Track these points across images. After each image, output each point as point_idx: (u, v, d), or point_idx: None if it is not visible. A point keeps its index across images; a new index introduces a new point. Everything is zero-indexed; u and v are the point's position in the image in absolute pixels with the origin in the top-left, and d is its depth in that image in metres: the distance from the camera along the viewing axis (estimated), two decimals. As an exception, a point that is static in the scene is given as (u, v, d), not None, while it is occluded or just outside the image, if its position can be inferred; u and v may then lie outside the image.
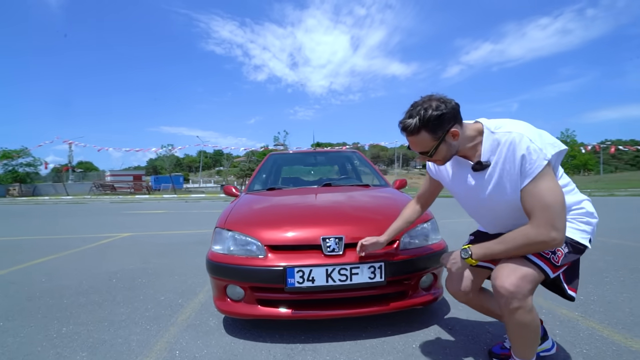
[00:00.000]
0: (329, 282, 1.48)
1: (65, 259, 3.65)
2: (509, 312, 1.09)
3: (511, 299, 1.06)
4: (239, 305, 1.62)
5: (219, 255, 1.67)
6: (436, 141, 1.12)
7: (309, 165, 3.10)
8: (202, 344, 1.65)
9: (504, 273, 1.09)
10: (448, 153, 1.17)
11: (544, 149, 1.03)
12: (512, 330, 1.14)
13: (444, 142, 1.13)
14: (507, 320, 1.13)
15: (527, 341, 1.14)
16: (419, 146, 1.16)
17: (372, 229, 1.66)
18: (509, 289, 1.06)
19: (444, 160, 1.20)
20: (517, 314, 1.08)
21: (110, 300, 2.31)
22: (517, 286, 1.06)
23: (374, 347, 1.57)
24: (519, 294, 1.05)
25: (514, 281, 1.06)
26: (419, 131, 1.11)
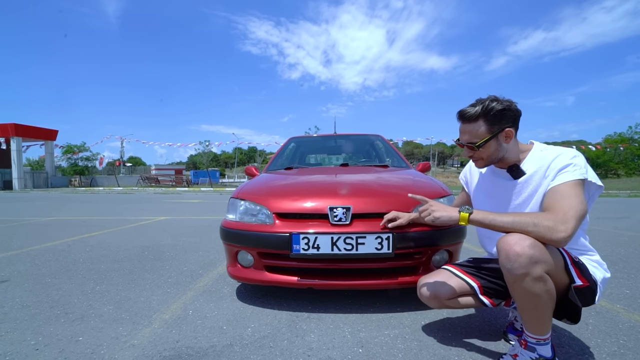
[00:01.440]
0: (334, 250, 1.46)
1: (108, 235, 4.02)
2: (515, 279, 0.99)
3: (517, 264, 0.96)
4: (248, 271, 1.67)
5: (231, 222, 1.73)
6: (489, 134, 1.12)
7: (329, 147, 3.09)
8: (214, 306, 1.72)
9: (513, 238, 0.99)
10: (495, 153, 1.15)
11: (588, 170, 1.07)
12: (520, 302, 1.03)
13: (496, 138, 1.13)
14: (513, 291, 1.03)
15: (537, 314, 1.03)
16: (471, 135, 1.15)
17: (381, 202, 1.61)
18: (516, 250, 0.96)
19: (487, 160, 1.18)
20: (525, 282, 0.97)
21: (140, 268, 2.50)
22: (525, 251, 0.96)
23: (380, 320, 1.53)
24: (526, 259, 0.95)
25: (524, 246, 0.96)
26: (477, 119, 1.13)
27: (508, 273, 1.01)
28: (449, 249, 1.64)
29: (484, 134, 1.13)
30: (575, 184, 1.04)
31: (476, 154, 1.17)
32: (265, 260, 1.61)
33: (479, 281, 1.23)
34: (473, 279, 1.24)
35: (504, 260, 1.00)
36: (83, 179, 27.37)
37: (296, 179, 2.07)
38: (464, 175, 1.47)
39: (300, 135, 3.21)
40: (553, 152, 1.12)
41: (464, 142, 1.18)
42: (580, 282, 1.04)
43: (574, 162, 1.07)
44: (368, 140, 3.13)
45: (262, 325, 1.49)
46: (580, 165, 1.06)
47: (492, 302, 1.22)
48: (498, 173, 1.24)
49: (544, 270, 0.98)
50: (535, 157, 1.15)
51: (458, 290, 1.24)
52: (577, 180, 1.04)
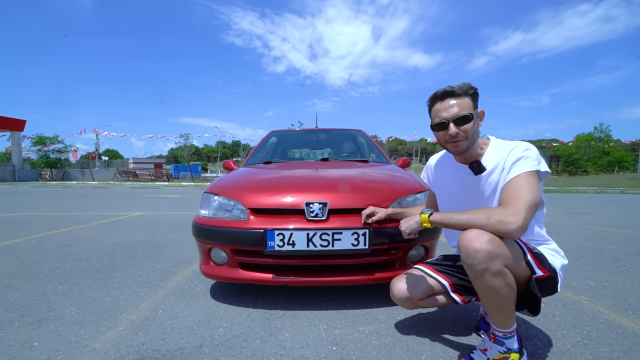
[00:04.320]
0: (309, 246, 1.43)
1: (77, 231, 3.81)
2: (475, 275, 1.00)
3: (476, 260, 0.97)
4: (222, 268, 1.61)
5: (204, 218, 1.66)
6: (474, 110, 1.13)
7: (310, 142, 3.04)
8: (185, 305, 1.65)
9: (471, 234, 1.00)
10: (475, 134, 1.15)
11: (540, 161, 1.08)
12: (483, 296, 1.05)
13: (476, 117, 1.14)
14: (476, 286, 1.04)
15: (500, 308, 1.04)
16: (461, 107, 1.12)
17: (358, 198, 1.59)
18: (475, 246, 0.96)
19: (470, 140, 1.14)
20: (485, 278, 0.98)
21: (109, 266, 2.37)
22: (483, 247, 0.96)
23: (356, 317, 1.51)
24: (484, 254, 0.96)
25: (482, 241, 0.97)
26: (465, 96, 1.13)
27: (469, 269, 1.01)
28: (425, 244, 1.65)
29: (470, 107, 1.12)
30: (527, 175, 1.04)
31: (463, 131, 1.12)
32: (240, 258, 1.56)
33: (450, 279, 1.23)
34: (444, 277, 1.24)
35: (464, 257, 1.01)
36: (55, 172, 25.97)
37: (273, 173, 2.02)
38: (426, 173, 1.44)
39: (282, 129, 3.13)
40: (508, 146, 1.13)
41: (450, 118, 1.11)
42: (541, 272, 1.06)
43: (526, 154, 1.08)
44: (350, 135, 3.11)
45: (235, 325, 1.44)
46: (532, 157, 1.07)
47: (463, 299, 1.23)
48: (459, 169, 1.23)
49: (503, 264, 0.99)
50: (493, 152, 1.16)
51: (430, 290, 1.23)
52: (529, 172, 1.05)
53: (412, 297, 1.23)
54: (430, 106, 1.20)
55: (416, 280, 1.26)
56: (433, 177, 1.39)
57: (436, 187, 1.37)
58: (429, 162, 1.41)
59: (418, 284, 1.24)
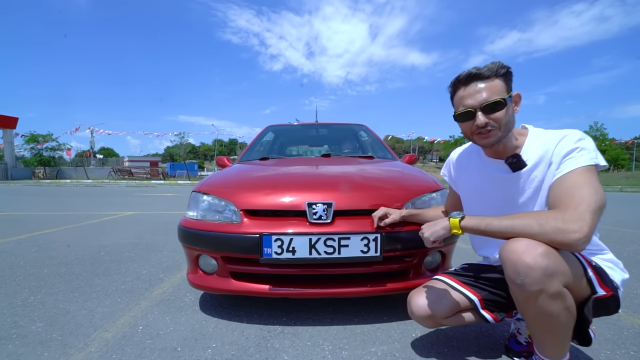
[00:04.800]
0: (312, 254, 1.23)
1: (63, 232, 3.59)
2: (527, 297, 0.81)
3: (529, 279, 0.77)
4: (212, 278, 1.41)
5: (192, 221, 1.45)
6: (507, 93, 0.92)
7: (309, 137, 2.84)
8: (170, 320, 1.45)
9: (521, 245, 0.80)
10: (510, 122, 0.94)
11: (597, 153, 0.89)
12: (533, 323, 0.86)
13: (510, 101, 0.93)
14: (525, 310, 0.85)
15: (554, 337, 0.85)
16: (491, 91, 0.91)
17: (368, 197, 1.40)
18: (527, 262, 0.77)
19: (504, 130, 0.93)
20: (540, 301, 0.79)
21: (91, 271, 2.17)
22: (538, 262, 0.77)
23: (365, 334, 1.32)
24: (540, 272, 0.76)
25: (535, 255, 0.77)
26: (494, 78, 0.92)
27: (518, 290, 0.82)
28: (442, 250, 1.45)
29: (503, 90, 0.91)
30: (585, 171, 0.85)
31: (494, 120, 0.91)
32: (232, 266, 1.36)
33: (479, 293, 1.05)
34: (472, 291, 1.05)
35: (512, 274, 0.81)
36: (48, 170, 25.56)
37: (270, 170, 1.81)
38: (447, 171, 1.24)
39: (279, 123, 2.93)
40: (555, 136, 0.93)
41: (477, 105, 0.92)
42: (603, 291, 0.87)
43: (580, 145, 0.88)
44: (352, 130, 2.91)
45: (226, 345, 1.24)
46: (589, 148, 0.88)
47: (495, 317, 1.04)
48: (491, 165, 1.02)
49: (562, 283, 0.80)
50: (535, 144, 0.95)
51: (456, 306, 1.04)
52: (587, 166, 0.85)
53: (435, 314, 1.04)
54: (453, 93, 1.00)
55: (439, 295, 1.06)
56: (456, 175, 1.19)
57: (460, 187, 1.17)
58: (451, 156, 1.21)
59: (442, 300, 1.05)
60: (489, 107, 0.91)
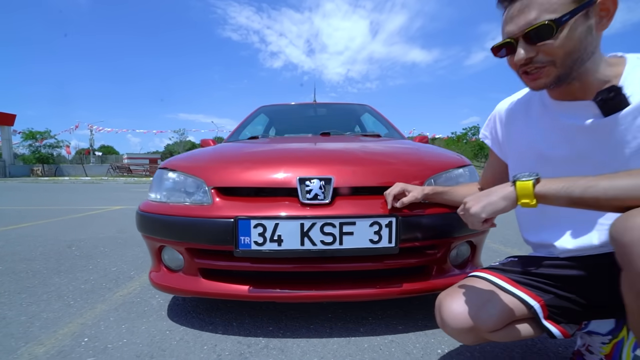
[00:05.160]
0: (305, 244, 0.92)
1: (40, 226, 3.30)
2: None
3: None
4: (177, 277, 1.10)
5: (152, 204, 1.14)
6: (577, 3, 0.58)
7: (307, 118, 2.52)
8: (126, 329, 1.15)
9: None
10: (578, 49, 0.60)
11: None
12: None
13: (585, 17, 0.59)
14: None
15: None
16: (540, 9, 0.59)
17: (378, 172, 1.08)
18: None
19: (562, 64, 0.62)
20: None
21: (53, 268, 1.87)
22: None
23: (375, 349, 1.01)
24: None
25: None
26: None
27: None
28: (473, 239, 1.14)
29: (566, 1, 0.58)
30: None
31: (545, 50, 0.61)
32: (200, 261, 1.05)
33: (542, 297, 0.73)
34: (531, 294, 0.74)
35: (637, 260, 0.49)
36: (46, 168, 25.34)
37: (256, 147, 1.50)
38: (491, 129, 0.89)
39: (272, 104, 2.61)
40: None
41: (518, 32, 0.62)
42: None
43: None
44: (354, 110, 2.58)
45: (190, 365, 0.93)
46: None
47: (564, 330, 0.73)
48: (565, 112, 0.69)
49: None
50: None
51: (507, 315, 0.73)
52: None
53: (479, 326, 0.73)
54: None
55: (484, 299, 0.75)
56: (505, 133, 0.85)
57: (512, 150, 0.83)
58: (497, 109, 0.87)
59: (487, 306, 0.74)
60: (533, 34, 0.60)
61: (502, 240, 2.57)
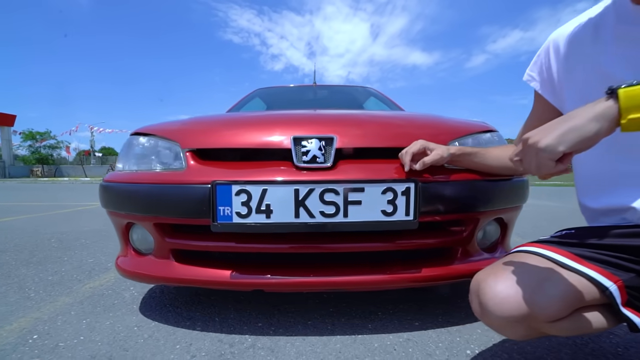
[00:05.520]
0: (300, 216, 0.73)
1: (22, 220, 3.11)
2: None
3: None
4: (146, 261, 0.91)
5: (118, 175, 0.95)
6: None
7: (306, 101, 2.33)
8: (86, 325, 0.95)
9: None
10: None
11: None
12: None
13: None
14: None
15: None
16: None
17: (391, 132, 0.89)
18: None
19: None
20: None
21: (23, 260, 1.68)
22: None
23: (387, 349, 0.81)
24: None
25: None
26: None
27: None
28: (504, 216, 0.94)
29: None
30: None
31: None
32: (172, 240, 0.85)
33: (619, 276, 0.54)
34: (604, 272, 0.54)
35: None
36: (46, 168, 25.24)
37: (244, 114, 1.31)
38: (539, 67, 0.69)
39: (269, 86, 2.43)
40: None
41: None
42: None
43: None
44: (357, 92, 2.39)
45: (155, 369, 0.74)
46: None
47: None
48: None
49: None
50: None
51: (574, 300, 0.54)
52: None
53: (536, 313, 0.54)
54: None
55: (540, 278, 0.56)
56: (564, 69, 0.64)
57: (575, 87, 0.63)
58: (551, 38, 0.66)
59: (545, 288, 0.54)
60: None
61: (517, 232, 2.37)
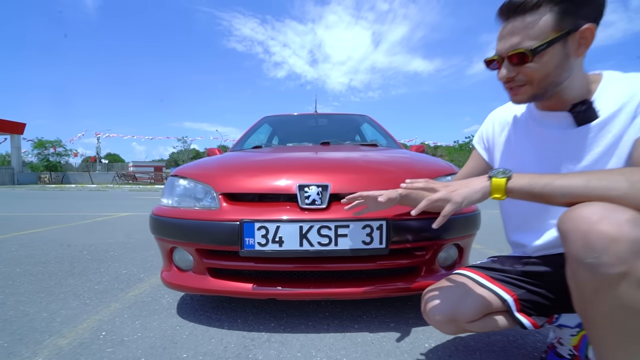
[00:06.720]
0: (303, 245, 1.03)
1: (51, 232, 3.42)
2: (598, 285, 0.57)
3: (608, 256, 0.54)
4: (187, 276, 1.20)
5: (164, 209, 1.26)
6: (557, 33, 0.67)
7: (308, 128, 2.64)
8: (139, 325, 1.24)
9: (593, 210, 0.57)
10: (554, 73, 0.70)
11: None
12: (601, 325, 0.61)
13: (564, 43, 0.68)
14: (592, 304, 0.60)
15: (633, 348, 0.61)
16: (524, 34, 0.68)
17: (370, 180, 1.19)
18: (606, 231, 0.54)
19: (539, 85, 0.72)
20: (620, 290, 0.55)
21: (67, 271, 1.97)
22: (624, 232, 0.53)
23: (367, 343, 1.10)
24: (626, 246, 0.53)
25: (619, 223, 0.54)
26: (539, 7, 0.67)
27: (587, 273, 0.57)
28: (460, 242, 1.23)
29: (548, 31, 0.67)
30: None
31: (524, 72, 0.71)
32: (209, 261, 1.15)
33: (514, 292, 0.82)
34: (505, 289, 0.83)
35: (582, 251, 0.57)
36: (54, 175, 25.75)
37: (259, 155, 1.61)
38: (483, 136, 0.98)
39: (275, 114, 2.74)
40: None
41: (504, 52, 0.72)
42: None
43: None
44: (354, 120, 2.71)
45: (199, 356, 1.03)
46: None
47: (534, 322, 0.82)
48: (545, 121, 0.80)
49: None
50: (613, 89, 0.72)
51: (484, 308, 0.82)
52: None
53: (458, 317, 0.82)
54: None
55: (463, 293, 0.84)
56: (492, 140, 0.94)
57: (499, 153, 0.93)
58: (492, 116, 0.97)
59: (466, 299, 0.83)
60: (514, 57, 0.70)
61: (497, 247, 2.64)
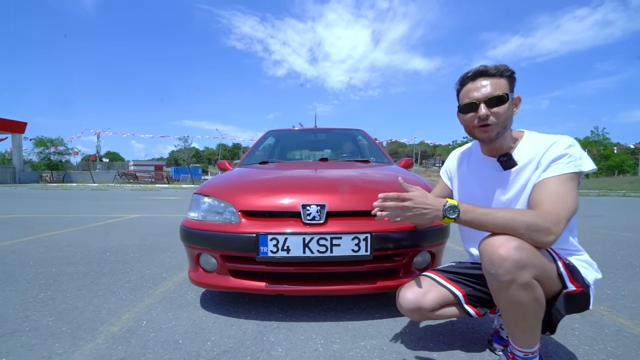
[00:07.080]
0: (306, 252, 1.31)
1: (69, 234, 3.70)
2: (499, 287, 0.88)
3: (502, 269, 0.85)
4: (211, 276, 1.49)
5: (193, 221, 1.54)
6: (510, 91, 1.02)
7: (308, 142, 2.93)
8: (172, 316, 1.53)
9: (497, 240, 0.88)
10: (508, 120, 1.02)
11: (584, 160, 0.97)
12: (506, 312, 0.93)
13: (511, 100, 1.02)
14: (498, 299, 0.92)
15: (524, 326, 0.92)
16: (495, 87, 0.99)
17: (359, 199, 1.47)
18: (501, 254, 0.85)
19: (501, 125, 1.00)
20: (511, 290, 0.87)
21: (97, 271, 2.26)
22: (511, 254, 0.85)
23: (356, 329, 1.39)
24: (512, 263, 0.84)
25: (509, 248, 0.85)
26: (500, 77, 1.01)
27: (492, 279, 0.90)
28: (432, 249, 1.52)
29: (506, 88, 0.99)
30: (569, 179, 0.94)
31: (494, 114, 0.98)
32: (230, 264, 1.44)
33: (464, 289, 1.12)
34: (457, 287, 1.12)
35: (487, 265, 0.89)
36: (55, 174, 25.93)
37: (268, 174, 1.90)
38: (447, 170, 1.30)
39: (279, 128, 3.03)
40: (547, 140, 1.00)
41: (481, 98, 0.99)
42: (573, 287, 0.94)
43: (569, 152, 0.96)
44: (350, 135, 3.00)
45: (224, 338, 1.32)
46: (576, 156, 0.95)
47: (478, 312, 1.11)
48: (485, 164, 1.11)
49: (532, 275, 0.87)
50: (528, 146, 1.03)
51: (441, 301, 1.12)
52: (571, 174, 0.94)
53: (422, 308, 1.11)
54: (460, 88, 1.07)
55: (426, 290, 1.13)
56: (452, 173, 1.27)
57: (455, 184, 1.25)
58: (452, 154, 1.30)
59: (428, 294, 1.12)
60: (492, 101, 0.99)
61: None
